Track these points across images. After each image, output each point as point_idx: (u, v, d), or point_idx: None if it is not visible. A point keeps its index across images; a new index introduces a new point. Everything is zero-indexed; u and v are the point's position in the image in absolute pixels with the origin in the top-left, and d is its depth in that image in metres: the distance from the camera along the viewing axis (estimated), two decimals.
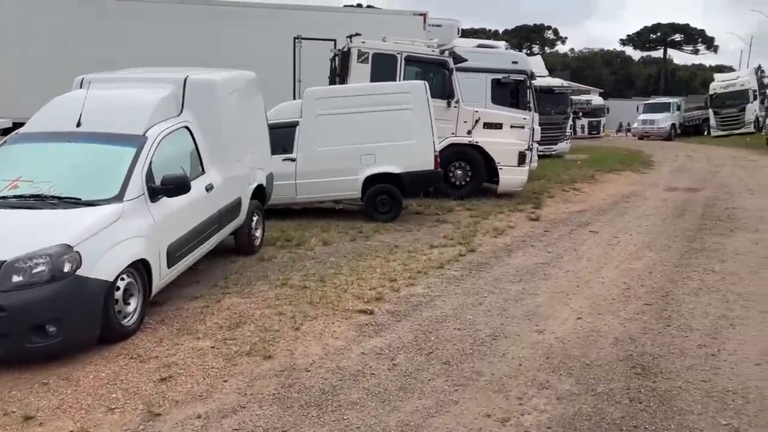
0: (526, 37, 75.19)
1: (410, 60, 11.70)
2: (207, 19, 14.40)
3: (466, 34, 46.94)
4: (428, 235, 8.76)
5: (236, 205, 6.90)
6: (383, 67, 11.49)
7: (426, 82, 9.82)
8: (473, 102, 13.55)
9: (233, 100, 6.96)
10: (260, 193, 7.78)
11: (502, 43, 19.25)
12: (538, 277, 6.68)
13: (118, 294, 4.77)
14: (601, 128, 38.45)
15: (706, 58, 79.35)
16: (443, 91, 11.74)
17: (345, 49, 11.84)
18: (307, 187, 9.49)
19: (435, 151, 9.70)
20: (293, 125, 9.52)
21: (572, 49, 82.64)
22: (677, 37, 75.96)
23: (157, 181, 5.36)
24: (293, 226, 9.15)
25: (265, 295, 5.94)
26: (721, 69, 60.92)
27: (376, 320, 5.27)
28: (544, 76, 22.07)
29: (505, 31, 73.32)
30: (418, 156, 9.57)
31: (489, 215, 10.32)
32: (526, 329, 5.08)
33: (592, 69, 72.94)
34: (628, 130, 40.69)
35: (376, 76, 11.28)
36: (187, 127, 6.21)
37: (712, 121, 34.60)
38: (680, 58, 79.44)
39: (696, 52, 77.48)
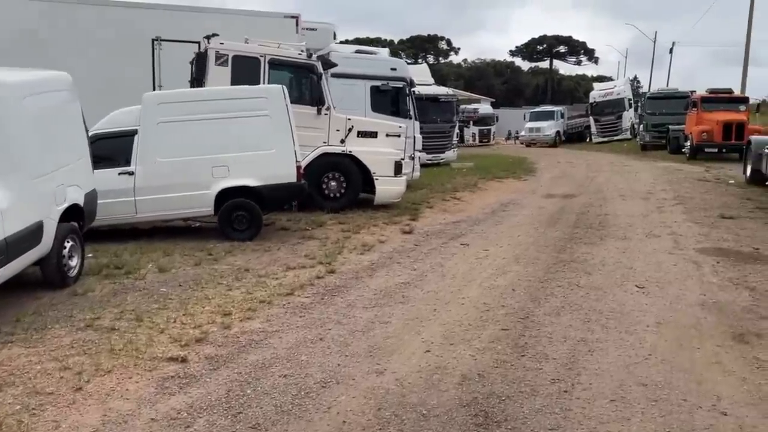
0: (420, 47, 76.37)
1: (275, 63, 10.83)
2: (53, 18, 12.81)
3: (362, 42, 46.79)
4: (288, 255, 7.91)
5: (35, 230, 5.71)
6: (245, 71, 10.53)
7: (283, 86, 8.99)
8: (353, 110, 12.91)
9: (31, 106, 5.80)
10: (78, 215, 6.61)
11: (384, 50, 18.84)
12: (395, 300, 6.00)
13: None
14: (492, 136, 39.34)
15: (588, 69, 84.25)
16: (313, 97, 11.00)
17: (202, 51, 10.79)
18: (148, 204, 8.35)
19: (297, 161, 8.86)
20: (131, 134, 8.38)
21: (465, 60, 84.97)
22: (562, 48, 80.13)
23: None
24: (132, 248, 8.01)
25: (58, 343, 4.83)
26: (602, 79, 64.71)
27: (187, 370, 4.34)
28: (429, 85, 21.92)
29: (401, 41, 74.10)
30: (277, 167, 8.70)
31: (361, 229, 9.64)
32: (365, 370, 4.33)
33: (485, 79, 75.27)
34: (517, 138, 41.91)
35: (237, 81, 10.31)
36: None
37: (593, 129, 36.30)
38: (565, 68, 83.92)
39: (579, 63, 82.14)
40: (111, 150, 8.31)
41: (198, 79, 10.82)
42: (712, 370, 4.29)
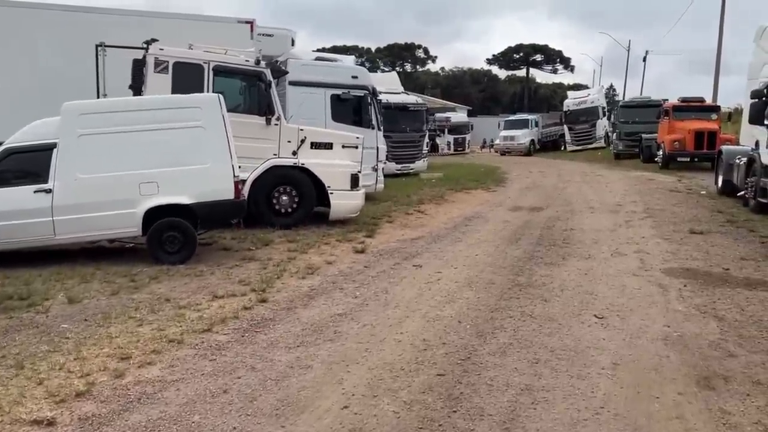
0: (397, 55, 76.13)
1: (220, 71, 10.14)
2: None
3: (338, 51, 46.22)
4: (221, 281, 7.20)
5: None
6: (187, 79, 9.83)
7: (220, 95, 8.32)
8: (313, 119, 12.26)
9: None
10: None
11: (349, 58, 18.20)
12: (324, 337, 5.32)
13: None
14: (467, 144, 38.95)
15: (565, 77, 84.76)
16: (261, 106, 10.32)
17: (141, 57, 10.05)
18: (68, 225, 7.59)
19: (235, 176, 8.16)
20: (49, 148, 7.61)
21: (443, 68, 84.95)
22: (538, 57, 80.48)
23: None
24: (48, 274, 7.25)
25: None
26: (578, 87, 64.91)
27: None
28: (398, 93, 21.37)
29: (378, 49, 73.84)
30: (212, 183, 8.00)
31: (310, 248, 8.96)
32: None
33: (462, 87, 75.23)
34: (491, 146, 41.59)
35: (178, 89, 9.57)
36: None
37: (567, 137, 36.05)
38: (542, 76, 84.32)
39: (555, 71, 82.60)
40: (26, 165, 7.61)
41: (136, 87, 10.10)
42: (671, 429, 3.67)
